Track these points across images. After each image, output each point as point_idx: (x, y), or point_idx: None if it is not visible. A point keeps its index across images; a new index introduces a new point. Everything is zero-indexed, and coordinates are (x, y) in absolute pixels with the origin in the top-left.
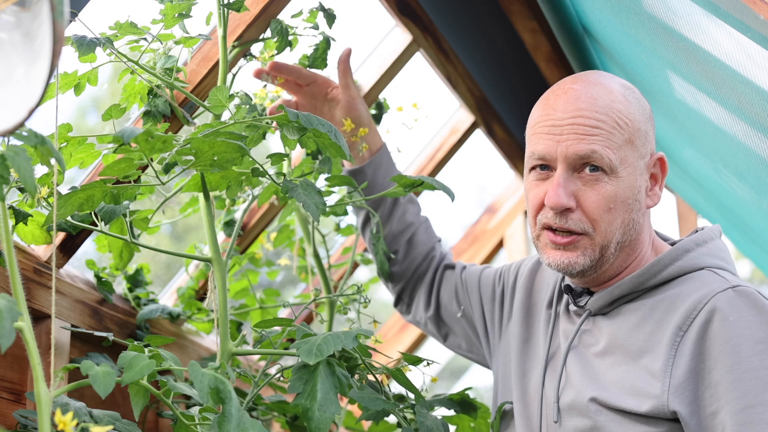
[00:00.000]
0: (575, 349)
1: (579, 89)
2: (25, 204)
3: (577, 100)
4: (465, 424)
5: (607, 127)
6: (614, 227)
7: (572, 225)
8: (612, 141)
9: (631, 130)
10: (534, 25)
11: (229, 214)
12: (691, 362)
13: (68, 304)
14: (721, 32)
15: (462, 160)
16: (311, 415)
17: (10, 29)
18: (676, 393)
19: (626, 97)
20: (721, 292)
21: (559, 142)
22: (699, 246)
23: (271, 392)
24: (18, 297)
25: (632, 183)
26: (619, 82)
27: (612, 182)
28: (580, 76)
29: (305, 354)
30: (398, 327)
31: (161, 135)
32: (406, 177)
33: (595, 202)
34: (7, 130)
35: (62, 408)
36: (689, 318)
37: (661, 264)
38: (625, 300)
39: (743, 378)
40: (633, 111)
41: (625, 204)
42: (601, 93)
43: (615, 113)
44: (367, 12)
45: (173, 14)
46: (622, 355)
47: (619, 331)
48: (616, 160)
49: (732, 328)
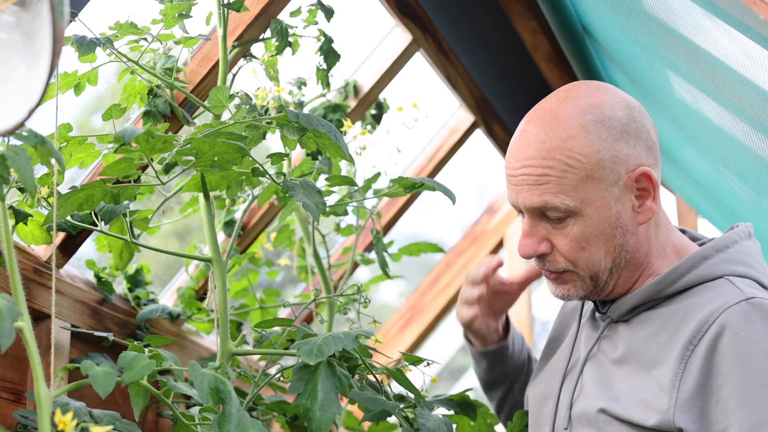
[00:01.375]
0: (594, 357)
1: (530, 131)
2: (25, 204)
3: (526, 147)
4: (465, 423)
5: (555, 173)
6: (597, 260)
7: (551, 267)
8: (564, 185)
9: (587, 167)
10: (534, 25)
11: (229, 214)
12: (700, 378)
13: (68, 304)
14: (721, 32)
15: (462, 160)
16: (312, 416)
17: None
18: (682, 409)
19: (585, 127)
20: (733, 305)
21: (518, 193)
22: (719, 252)
23: (271, 392)
24: (18, 297)
25: (604, 215)
26: (580, 108)
27: (579, 223)
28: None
29: (305, 354)
30: (398, 327)
31: (162, 135)
32: (406, 178)
33: (567, 245)
34: (7, 130)
35: (62, 408)
36: (700, 332)
37: (677, 272)
38: (645, 307)
39: (753, 395)
40: (591, 143)
41: (601, 236)
42: (551, 132)
43: (565, 154)
44: (367, 12)
45: (173, 14)
46: (636, 364)
47: (636, 340)
48: (575, 202)
49: (743, 343)
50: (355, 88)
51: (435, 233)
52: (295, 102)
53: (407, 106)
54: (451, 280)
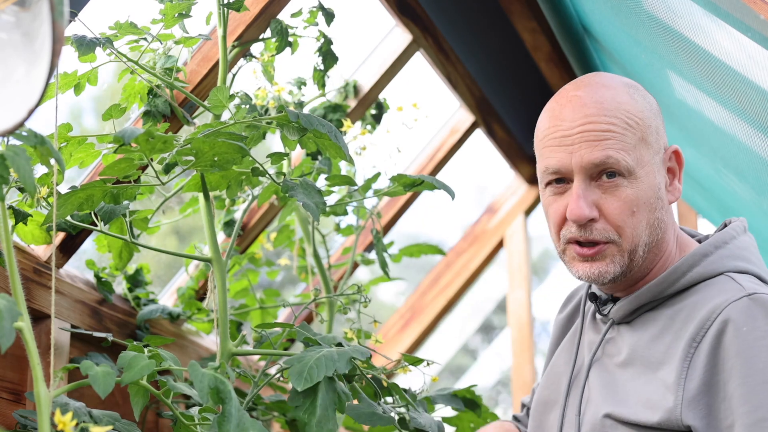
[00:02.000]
0: (598, 362)
1: (583, 95)
2: (24, 204)
3: (584, 107)
4: (465, 425)
5: (618, 130)
6: (640, 230)
7: (597, 235)
8: (625, 143)
9: (642, 128)
10: (534, 25)
11: (229, 214)
12: (705, 375)
13: (68, 304)
14: (721, 32)
15: (462, 160)
16: (309, 430)
17: (10, 29)
18: (689, 406)
19: (632, 95)
20: (735, 302)
21: (572, 153)
22: (719, 248)
23: (271, 392)
24: (18, 297)
25: (651, 182)
26: (621, 81)
27: (632, 185)
28: (582, 81)
29: (295, 377)
30: (398, 327)
31: (162, 135)
32: (406, 176)
33: (618, 208)
34: (7, 130)
35: (62, 408)
36: (703, 329)
37: (679, 271)
38: (646, 308)
39: (756, 390)
40: (641, 108)
41: (647, 204)
42: (606, 95)
43: (624, 114)
44: (367, 12)
45: (173, 14)
46: (641, 366)
47: (640, 342)
48: (633, 162)
49: (745, 338)
50: (355, 88)
51: (435, 233)
52: (295, 102)
53: (407, 106)
54: (451, 280)
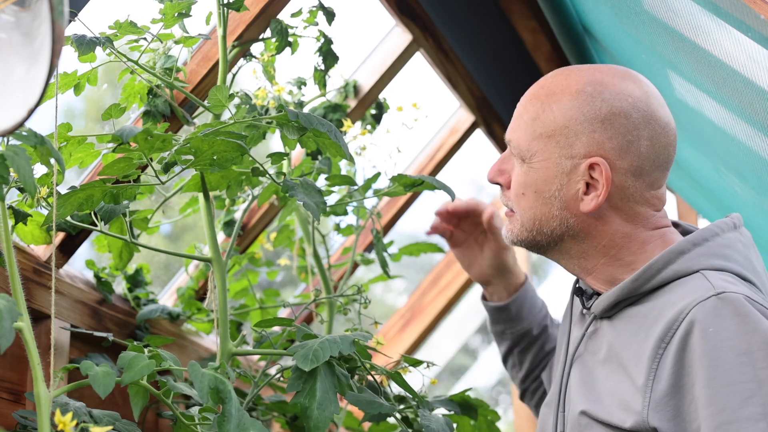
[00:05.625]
0: (580, 358)
1: (545, 77)
2: (24, 204)
3: (531, 87)
4: (465, 423)
5: (527, 117)
6: (530, 215)
7: (505, 201)
8: (528, 131)
9: (554, 126)
10: (534, 24)
11: (229, 214)
12: (672, 376)
13: (68, 304)
14: (721, 32)
15: (462, 160)
16: (310, 414)
17: (10, 29)
18: (656, 408)
19: (577, 95)
20: (703, 301)
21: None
22: (697, 246)
23: (271, 392)
24: (17, 297)
25: (547, 177)
26: (590, 79)
27: (523, 170)
28: (571, 66)
29: (301, 359)
30: (398, 327)
31: (160, 134)
32: (406, 176)
33: (513, 184)
34: (6, 130)
35: (62, 408)
36: (671, 330)
37: (653, 268)
38: (626, 303)
39: (720, 393)
40: (569, 108)
41: (538, 195)
42: (552, 85)
43: (544, 105)
44: (367, 12)
45: (173, 14)
46: (617, 363)
47: (617, 339)
48: (527, 150)
49: (711, 339)
50: (355, 88)
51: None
52: (295, 102)
53: (407, 106)
54: (451, 280)
